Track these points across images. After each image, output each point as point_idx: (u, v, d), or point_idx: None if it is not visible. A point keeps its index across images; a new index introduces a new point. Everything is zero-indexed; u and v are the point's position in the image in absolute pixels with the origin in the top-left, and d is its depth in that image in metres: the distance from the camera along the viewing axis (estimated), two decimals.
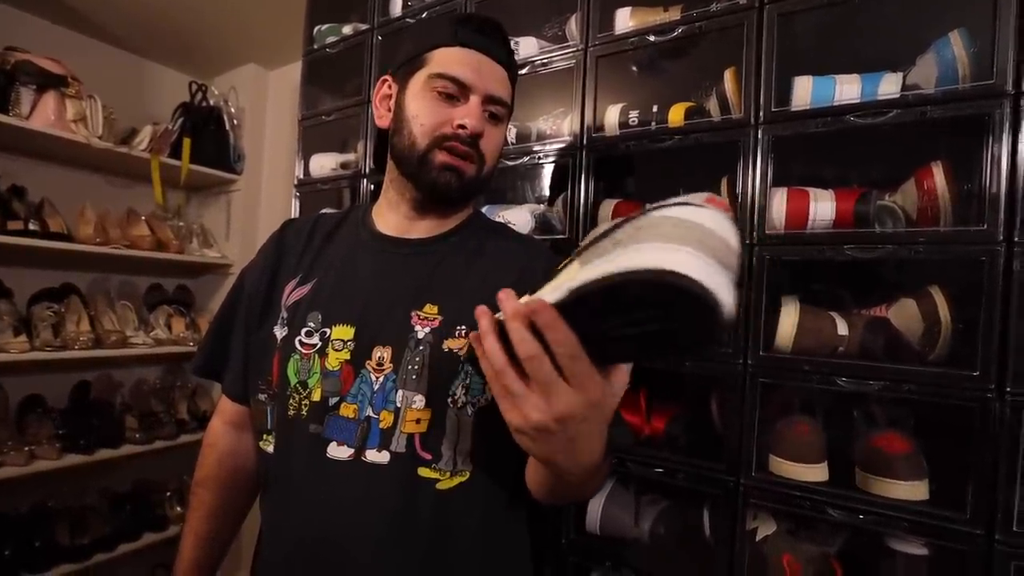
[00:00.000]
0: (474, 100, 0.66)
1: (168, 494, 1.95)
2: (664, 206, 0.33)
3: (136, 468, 1.95)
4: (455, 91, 0.66)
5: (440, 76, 0.66)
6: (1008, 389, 0.73)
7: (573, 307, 0.33)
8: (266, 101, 2.30)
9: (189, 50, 2.12)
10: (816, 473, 0.88)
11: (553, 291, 0.36)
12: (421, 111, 0.67)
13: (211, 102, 2.14)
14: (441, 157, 0.66)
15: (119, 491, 1.89)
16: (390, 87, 0.73)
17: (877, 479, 0.83)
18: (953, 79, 0.81)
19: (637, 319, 0.32)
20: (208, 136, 2.07)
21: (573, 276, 0.34)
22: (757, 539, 0.93)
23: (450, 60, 0.67)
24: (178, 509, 1.92)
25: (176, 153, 1.95)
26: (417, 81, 0.68)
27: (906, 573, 0.83)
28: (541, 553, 0.75)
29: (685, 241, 0.29)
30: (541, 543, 0.75)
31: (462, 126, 0.65)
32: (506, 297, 0.38)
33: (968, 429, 0.76)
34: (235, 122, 2.17)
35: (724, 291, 0.28)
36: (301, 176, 1.61)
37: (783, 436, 0.91)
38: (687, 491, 0.97)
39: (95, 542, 1.66)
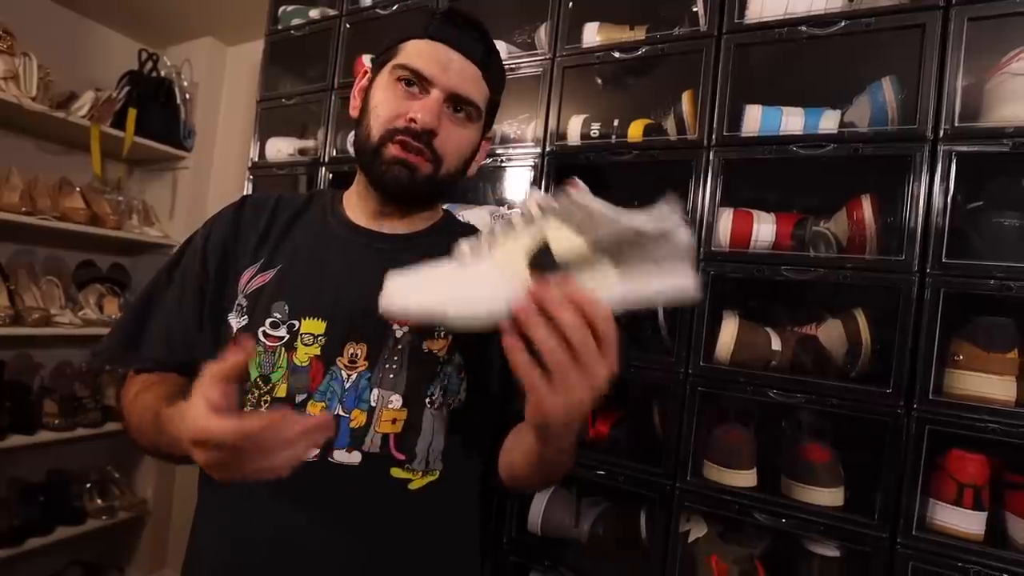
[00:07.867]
0: (434, 94, 0.63)
1: (88, 485, 1.82)
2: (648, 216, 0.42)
3: (52, 456, 1.81)
4: (416, 82, 0.64)
5: (402, 67, 0.64)
6: (915, 406, 0.81)
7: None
8: (223, 77, 2.19)
9: (141, 16, 2.00)
10: (746, 479, 0.93)
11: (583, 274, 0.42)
12: (381, 102, 0.65)
13: (162, 73, 2.03)
14: (392, 151, 0.63)
15: (31, 481, 1.75)
16: (368, 80, 0.70)
17: (800, 486, 0.89)
18: (883, 121, 0.88)
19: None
20: (156, 108, 1.96)
21: (611, 281, 0.42)
22: (689, 541, 0.97)
23: (415, 52, 0.64)
24: (99, 501, 1.81)
25: (120, 123, 1.84)
26: (384, 72, 0.66)
27: (820, 573, 0.89)
28: (483, 552, 0.76)
29: (688, 262, 0.43)
30: (483, 542, 0.77)
31: (413, 119, 0.62)
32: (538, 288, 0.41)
33: (880, 441, 0.82)
34: (187, 96, 2.06)
35: None
36: (256, 159, 1.55)
37: (718, 443, 0.96)
38: (626, 493, 1.01)
39: None
